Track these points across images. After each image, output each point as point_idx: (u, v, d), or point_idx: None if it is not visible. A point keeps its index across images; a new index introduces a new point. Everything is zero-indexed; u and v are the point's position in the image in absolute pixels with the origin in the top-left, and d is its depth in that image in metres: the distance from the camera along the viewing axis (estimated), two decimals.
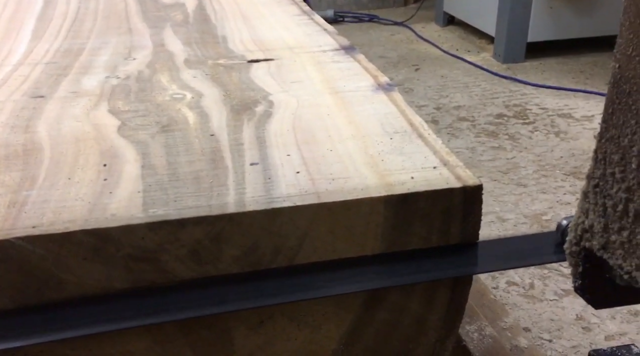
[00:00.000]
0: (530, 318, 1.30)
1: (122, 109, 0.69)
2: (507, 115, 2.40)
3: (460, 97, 2.58)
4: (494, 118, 2.38)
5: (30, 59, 0.87)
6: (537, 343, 1.24)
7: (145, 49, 0.94)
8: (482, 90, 2.67)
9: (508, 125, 2.32)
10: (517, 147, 2.14)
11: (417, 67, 2.96)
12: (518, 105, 2.50)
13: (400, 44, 3.37)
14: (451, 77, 2.82)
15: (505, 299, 1.36)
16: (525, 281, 1.41)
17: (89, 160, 0.57)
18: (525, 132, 2.26)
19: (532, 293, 1.38)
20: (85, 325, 0.48)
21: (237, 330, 0.53)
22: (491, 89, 2.68)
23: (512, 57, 2.98)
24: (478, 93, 2.62)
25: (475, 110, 2.45)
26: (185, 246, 0.48)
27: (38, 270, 0.46)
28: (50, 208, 0.48)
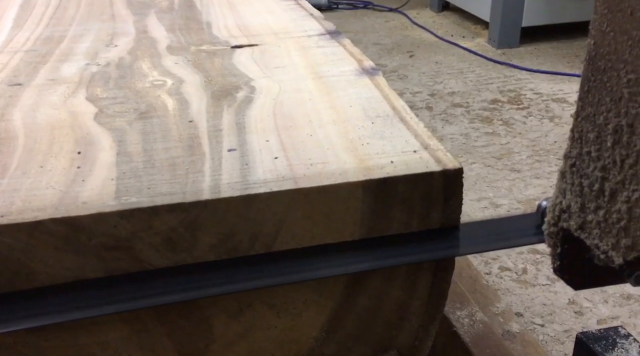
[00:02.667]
0: (522, 303, 1.30)
1: (100, 96, 0.68)
2: (501, 101, 2.39)
3: (454, 83, 2.56)
4: (489, 104, 2.37)
5: (9, 47, 0.85)
6: (529, 328, 1.23)
7: (128, 35, 0.92)
8: (477, 76, 2.65)
9: (502, 110, 2.30)
10: (511, 132, 2.12)
11: (411, 54, 2.94)
12: (512, 91, 2.48)
13: (394, 30, 3.34)
14: (446, 63, 2.80)
15: (498, 284, 1.35)
16: (518, 267, 1.41)
17: (63, 147, 0.56)
18: (520, 117, 2.25)
19: (525, 278, 1.37)
20: (57, 313, 0.47)
21: (216, 318, 0.52)
22: (486, 74, 2.67)
23: (506, 42, 2.96)
24: (472, 79, 2.61)
25: (470, 96, 2.43)
26: (159, 234, 0.47)
27: (8, 260, 0.45)
28: (20, 196, 0.47)
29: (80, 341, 0.50)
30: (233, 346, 0.54)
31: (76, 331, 0.49)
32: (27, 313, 0.47)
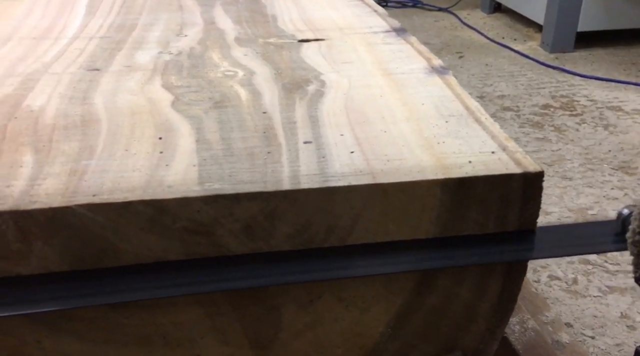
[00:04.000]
0: (572, 313, 1.27)
1: (175, 84, 0.69)
2: (553, 106, 2.33)
3: (504, 86, 2.51)
4: (540, 108, 2.31)
5: (84, 33, 0.88)
6: (579, 339, 1.20)
7: (196, 26, 0.94)
8: (528, 79, 2.59)
9: (554, 116, 2.25)
10: (563, 139, 2.07)
11: (461, 55, 2.90)
12: (565, 96, 2.42)
13: (444, 30, 3.30)
14: (496, 66, 2.75)
15: (547, 293, 1.32)
16: (569, 276, 1.38)
17: (144, 132, 0.57)
18: (572, 123, 2.19)
19: (575, 289, 1.34)
20: (140, 291, 0.49)
21: (286, 307, 0.53)
22: (537, 78, 2.60)
23: (560, 47, 2.88)
24: (523, 83, 2.55)
25: (520, 100, 2.38)
26: (239, 221, 0.48)
27: (97, 238, 0.47)
28: (109, 178, 0.49)
29: (157, 320, 0.51)
30: (300, 336, 0.55)
31: (154, 310, 0.51)
32: (111, 290, 0.48)
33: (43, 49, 0.81)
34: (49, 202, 0.46)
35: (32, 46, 0.82)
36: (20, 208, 0.45)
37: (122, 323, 0.51)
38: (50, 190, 0.47)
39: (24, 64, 0.75)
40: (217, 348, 0.54)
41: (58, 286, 0.48)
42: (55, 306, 0.48)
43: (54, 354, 0.51)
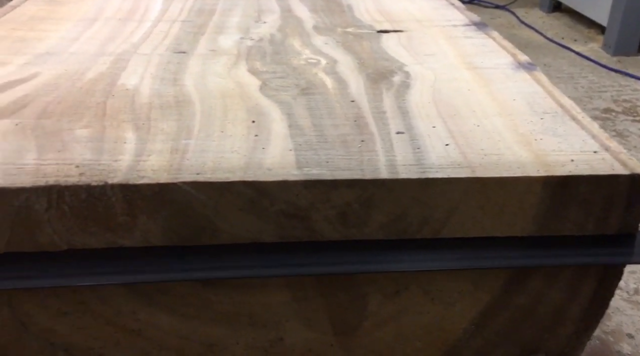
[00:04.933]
0: (633, 324, 1.22)
1: (261, 70, 0.70)
2: (615, 111, 2.25)
3: (564, 88, 2.44)
4: (601, 112, 2.23)
5: (167, 17, 0.90)
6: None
7: (273, 13, 0.95)
8: (589, 82, 2.50)
9: (616, 121, 2.17)
10: (625, 144, 1.99)
11: None
12: (628, 101, 2.33)
13: (501, 28, 3.22)
14: (555, 67, 2.67)
15: None
16: (630, 286, 1.33)
17: (237, 115, 0.58)
18: (635, 129, 2.10)
19: (637, 299, 1.29)
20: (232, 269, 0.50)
21: (372, 296, 0.53)
22: (599, 81, 2.51)
23: (623, 50, 2.77)
24: (584, 86, 2.47)
25: (581, 103, 2.30)
26: (335, 207, 0.48)
27: (198, 216, 0.48)
28: (209, 157, 0.50)
29: (246, 300, 0.52)
30: (383, 327, 0.55)
31: (244, 290, 0.52)
32: (206, 267, 0.49)
33: (129, 30, 0.83)
34: (156, 177, 0.47)
35: (118, 27, 0.84)
36: (129, 182, 0.46)
37: (212, 301, 0.52)
38: (155, 167, 0.48)
39: (113, 44, 0.77)
40: (301, 332, 0.54)
41: (157, 260, 0.49)
42: (154, 278, 0.49)
43: (147, 325, 0.52)
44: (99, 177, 0.46)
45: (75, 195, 0.46)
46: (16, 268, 0.48)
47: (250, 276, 0.50)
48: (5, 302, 0.49)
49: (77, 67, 0.68)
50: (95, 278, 0.49)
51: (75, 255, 0.48)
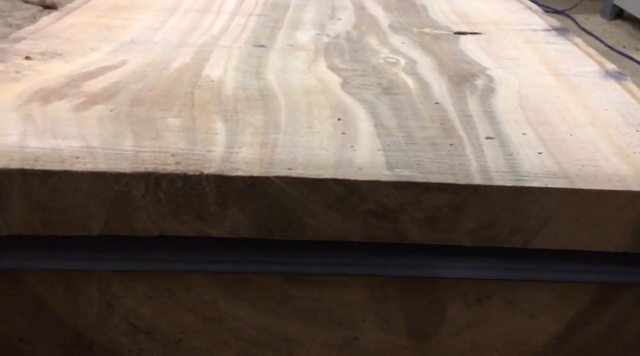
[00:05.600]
0: None
1: (341, 67, 0.70)
2: None
3: None
4: None
5: (242, 10, 0.91)
6: None
7: (347, 10, 0.95)
8: None
9: None
10: None
11: None
12: None
13: None
14: None
15: None
16: None
17: (322, 112, 0.58)
18: None
19: None
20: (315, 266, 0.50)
21: (452, 302, 0.52)
22: None
23: None
24: None
25: None
26: (424, 210, 0.48)
27: (287, 211, 0.48)
28: (299, 153, 0.50)
29: (326, 298, 0.52)
30: (460, 334, 0.54)
31: (325, 288, 0.52)
32: (290, 261, 0.50)
33: (207, 22, 0.84)
34: (249, 170, 0.47)
35: (197, 19, 0.85)
36: (224, 173, 0.47)
37: (293, 296, 0.52)
38: (247, 159, 0.48)
39: (193, 35, 0.78)
40: (376, 333, 0.54)
41: (242, 251, 0.50)
42: (238, 269, 0.50)
43: (227, 315, 0.53)
44: (194, 167, 0.47)
45: (172, 183, 0.47)
46: (109, 251, 0.49)
47: (333, 273, 0.50)
48: (95, 283, 0.51)
49: (162, 56, 0.70)
50: (183, 265, 0.50)
51: (165, 242, 0.49)
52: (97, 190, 0.46)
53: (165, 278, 0.51)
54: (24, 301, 0.51)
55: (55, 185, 0.46)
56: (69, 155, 0.47)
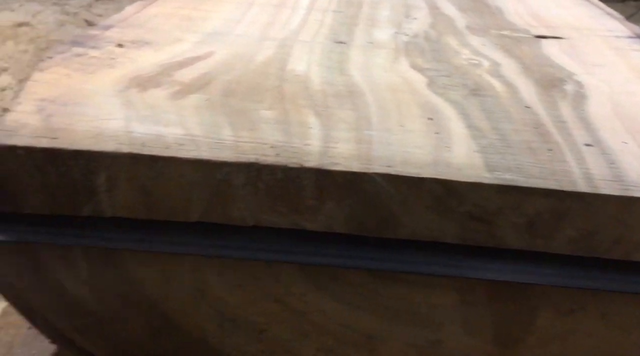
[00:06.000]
0: None
1: (423, 66, 0.69)
2: None
3: None
4: None
5: (317, 6, 0.91)
6: None
7: (421, 9, 0.94)
8: None
9: None
10: None
11: None
12: None
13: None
14: None
15: None
16: None
17: (411, 111, 0.58)
18: None
19: None
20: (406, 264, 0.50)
21: (543, 311, 0.51)
22: None
23: None
24: None
25: None
26: (524, 215, 0.47)
27: (383, 208, 0.48)
28: (396, 151, 0.50)
29: (413, 298, 0.52)
30: (548, 345, 0.53)
31: (413, 288, 0.52)
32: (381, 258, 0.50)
33: (285, 16, 0.85)
34: (349, 165, 0.47)
35: (274, 13, 0.86)
36: (324, 167, 0.47)
37: (380, 293, 0.52)
38: (345, 155, 0.49)
39: (273, 29, 0.79)
40: (460, 337, 0.53)
41: (333, 245, 0.50)
42: (328, 262, 0.50)
43: (312, 308, 0.53)
44: (294, 159, 0.47)
45: (272, 174, 0.47)
46: (203, 237, 0.50)
47: (423, 273, 0.49)
48: (188, 268, 0.52)
49: (246, 49, 0.70)
50: (274, 256, 0.50)
51: (256, 231, 0.50)
52: (200, 177, 0.47)
53: (255, 267, 0.52)
54: (120, 282, 0.52)
55: (161, 170, 0.47)
56: (173, 141, 0.48)
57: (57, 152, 0.46)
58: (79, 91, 0.55)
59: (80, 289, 0.52)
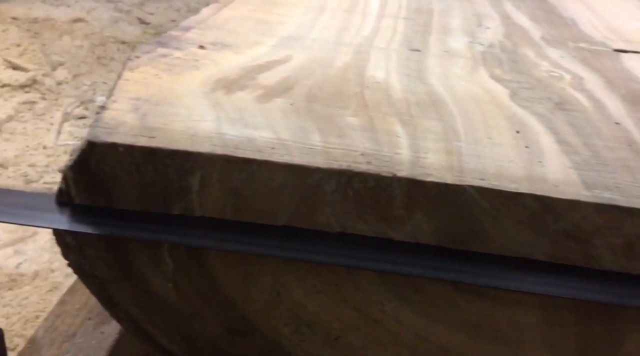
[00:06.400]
0: None
1: (503, 78, 0.68)
2: None
3: None
4: None
5: (388, 12, 0.91)
6: None
7: (493, 19, 0.92)
8: None
9: None
10: None
11: None
12: None
13: None
14: None
15: None
16: None
17: (497, 123, 0.57)
18: None
19: None
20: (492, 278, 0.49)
21: (632, 335, 0.50)
22: None
23: None
24: None
25: None
26: (623, 236, 0.46)
27: (473, 221, 0.47)
28: (488, 164, 0.49)
29: (495, 314, 0.51)
30: None
31: (496, 303, 0.51)
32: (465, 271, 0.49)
33: (356, 22, 0.85)
34: (441, 176, 0.47)
35: (345, 18, 0.86)
36: (416, 177, 0.46)
37: (461, 307, 0.51)
38: (436, 165, 0.48)
39: (347, 34, 0.79)
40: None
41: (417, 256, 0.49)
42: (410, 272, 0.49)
43: (390, 318, 0.53)
44: (386, 168, 0.47)
45: (364, 182, 0.47)
46: (288, 241, 0.50)
47: (511, 289, 0.48)
48: (269, 271, 0.52)
49: (324, 54, 0.70)
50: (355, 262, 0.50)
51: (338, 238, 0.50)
52: (291, 182, 0.47)
53: (338, 274, 0.52)
54: (201, 280, 0.53)
55: (253, 173, 0.47)
56: (265, 145, 0.48)
57: (155, 151, 0.47)
58: (169, 91, 0.56)
59: (164, 285, 0.53)
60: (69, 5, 3.10)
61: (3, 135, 1.81)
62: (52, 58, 2.42)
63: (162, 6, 3.36)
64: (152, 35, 2.89)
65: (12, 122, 1.87)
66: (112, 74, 2.40)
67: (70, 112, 2.01)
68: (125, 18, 3.09)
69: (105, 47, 2.62)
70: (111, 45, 2.66)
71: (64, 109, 2.01)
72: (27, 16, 2.73)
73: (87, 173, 0.48)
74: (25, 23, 2.66)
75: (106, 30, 2.85)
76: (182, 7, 3.36)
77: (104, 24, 2.93)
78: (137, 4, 3.33)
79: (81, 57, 2.52)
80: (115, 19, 3.05)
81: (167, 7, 3.34)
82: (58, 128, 1.88)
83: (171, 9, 3.32)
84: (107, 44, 2.67)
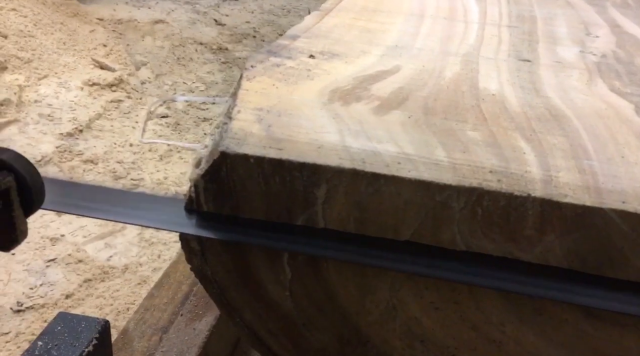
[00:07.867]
0: None
1: (624, 91, 0.65)
2: None
3: None
4: None
5: (489, 20, 0.89)
6: None
7: (601, 27, 0.88)
8: None
9: None
10: None
11: None
12: None
13: None
14: None
15: None
16: None
17: (628, 140, 0.54)
18: None
19: None
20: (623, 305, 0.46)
21: None
22: None
23: None
24: None
25: None
26: None
27: (611, 246, 0.45)
28: (626, 185, 0.47)
29: (625, 341, 0.49)
30: None
31: (627, 331, 0.48)
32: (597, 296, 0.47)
33: (460, 30, 0.83)
34: (579, 198, 0.45)
35: (448, 26, 0.85)
36: (552, 198, 0.45)
37: (589, 334, 0.49)
38: (571, 185, 0.46)
39: (452, 43, 0.77)
40: None
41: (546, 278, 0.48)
42: (539, 295, 0.48)
43: (509, 339, 0.51)
44: (518, 187, 0.46)
45: (494, 201, 0.46)
46: (408, 256, 0.50)
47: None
48: (387, 285, 0.52)
49: (432, 64, 0.70)
50: (482, 281, 0.49)
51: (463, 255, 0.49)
52: (418, 197, 0.47)
53: (458, 292, 0.51)
54: (318, 291, 0.53)
55: (380, 188, 0.47)
56: (391, 160, 0.48)
57: (283, 163, 0.48)
58: (289, 102, 0.56)
59: (281, 293, 0.54)
60: (150, 7, 3.23)
61: (93, 132, 1.91)
62: (136, 58, 2.53)
63: (237, 8, 3.44)
64: (228, 36, 2.96)
65: (101, 120, 1.97)
66: (190, 75, 2.48)
67: (154, 110, 2.10)
68: (203, 19, 3.18)
69: (184, 48, 2.71)
70: (190, 46, 2.75)
71: (147, 108, 2.10)
72: (112, 17, 2.87)
73: (217, 182, 0.49)
74: (111, 24, 2.80)
75: (185, 31, 2.95)
76: (255, 9, 3.43)
77: (183, 25, 3.03)
78: (213, 5, 3.43)
79: (162, 58, 2.62)
80: (193, 20, 3.15)
81: (242, 8, 3.42)
82: (143, 127, 1.97)
83: (245, 10, 3.40)
84: (186, 44, 2.76)
